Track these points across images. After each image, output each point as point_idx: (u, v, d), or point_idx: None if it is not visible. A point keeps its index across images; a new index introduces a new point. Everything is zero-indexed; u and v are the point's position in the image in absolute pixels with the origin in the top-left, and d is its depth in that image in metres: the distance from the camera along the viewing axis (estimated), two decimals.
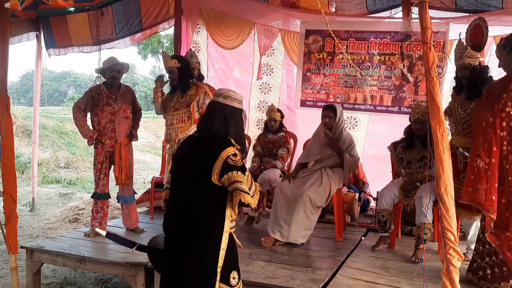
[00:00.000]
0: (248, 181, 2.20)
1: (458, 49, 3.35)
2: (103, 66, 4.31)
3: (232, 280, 2.23)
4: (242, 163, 2.22)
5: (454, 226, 2.28)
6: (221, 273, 2.17)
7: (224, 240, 2.19)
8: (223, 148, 2.15)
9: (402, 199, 3.86)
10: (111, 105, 4.26)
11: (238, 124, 2.32)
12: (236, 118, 2.31)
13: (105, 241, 3.99)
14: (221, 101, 2.30)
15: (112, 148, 4.28)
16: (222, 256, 2.18)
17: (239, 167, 2.17)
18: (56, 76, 35.58)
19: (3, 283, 4.14)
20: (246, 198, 2.13)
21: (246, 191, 2.15)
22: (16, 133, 11.65)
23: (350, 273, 3.30)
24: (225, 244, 2.19)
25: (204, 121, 2.36)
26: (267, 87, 5.94)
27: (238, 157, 2.18)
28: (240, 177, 2.14)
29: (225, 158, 2.14)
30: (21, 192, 7.62)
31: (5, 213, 3.45)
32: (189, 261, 2.17)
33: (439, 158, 2.31)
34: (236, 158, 2.16)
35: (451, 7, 4.89)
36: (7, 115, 3.42)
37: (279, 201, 4.02)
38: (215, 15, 5.85)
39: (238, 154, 2.18)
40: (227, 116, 2.27)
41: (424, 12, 2.36)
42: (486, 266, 2.96)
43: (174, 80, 4.13)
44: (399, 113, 5.11)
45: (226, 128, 2.27)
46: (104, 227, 4.23)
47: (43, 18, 6.43)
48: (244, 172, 2.19)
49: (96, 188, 4.30)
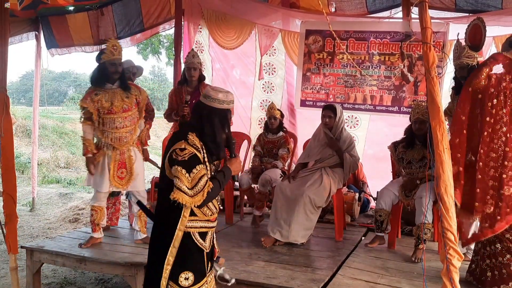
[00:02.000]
0: (193, 179, 2.10)
1: (456, 49, 3.36)
2: None
3: (183, 281, 2.16)
4: (188, 159, 2.11)
5: (454, 226, 2.28)
6: (171, 271, 2.14)
7: (177, 238, 2.15)
8: (176, 142, 2.16)
9: (402, 199, 3.86)
10: None
11: (214, 124, 2.24)
12: (212, 117, 2.24)
13: (105, 241, 3.99)
14: (202, 100, 2.29)
15: None
16: (173, 253, 2.15)
17: (181, 161, 2.10)
18: (56, 76, 35.52)
19: (3, 283, 4.14)
20: (180, 196, 2.07)
21: (182, 189, 2.08)
22: (16, 133, 11.65)
23: (350, 273, 3.30)
24: (177, 242, 2.15)
25: (189, 119, 2.38)
26: (269, 86, 5.95)
27: (185, 152, 2.11)
28: (179, 172, 2.09)
29: (171, 152, 2.14)
30: (21, 192, 7.62)
31: (5, 213, 3.45)
32: (150, 251, 2.32)
33: (439, 158, 2.31)
34: (182, 152, 2.11)
35: (451, 7, 4.89)
36: (6, 115, 3.42)
37: (279, 201, 4.02)
38: (216, 15, 5.86)
39: (187, 149, 2.11)
40: (202, 116, 2.25)
41: (424, 12, 2.36)
42: (487, 268, 2.96)
43: (117, 74, 3.78)
44: (399, 113, 5.12)
45: (201, 127, 2.23)
46: (116, 223, 4.40)
47: (43, 18, 6.43)
48: (186, 168, 2.10)
49: None
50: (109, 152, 3.75)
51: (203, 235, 2.25)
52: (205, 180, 2.14)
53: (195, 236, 2.21)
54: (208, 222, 2.28)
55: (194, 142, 2.17)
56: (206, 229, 2.27)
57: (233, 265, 3.31)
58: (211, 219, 2.30)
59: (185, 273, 2.17)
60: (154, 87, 28.33)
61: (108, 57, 3.68)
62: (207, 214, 2.25)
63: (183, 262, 2.17)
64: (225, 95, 2.25)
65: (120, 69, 3.77)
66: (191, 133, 2.19)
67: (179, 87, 4.50)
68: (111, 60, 3.69)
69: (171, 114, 4.45)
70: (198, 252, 2.22)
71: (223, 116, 2.27)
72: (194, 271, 2.20)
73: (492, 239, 2.93)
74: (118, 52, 3.72)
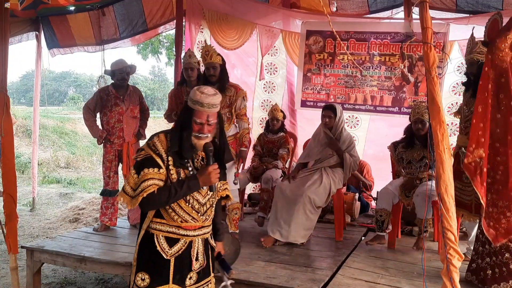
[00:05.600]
0: (139, 180, 2.03)
1: (469, 44, 3.22)
2: (111, 68, 4.41)
3: (139, 280, 2.10)
4: (140, 160, 2.05)
5: (454, 226, 2.27)
6: (135, 267, 2.13)
7: (139, 237, 2.13)
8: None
9: (402, 198, 3.87)
10: (119, 105, 4.40)
11: (179, 123, 2.13)
12: (181, 116, 2.16)
13: (105, 240, 3.99)
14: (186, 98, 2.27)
15: (120, 147, 4.44)
16: (136, 251, 2.14)
17: (135, 162, 2.08)
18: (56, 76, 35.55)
19: (3, 283, 4.14)
20: (122, 196, 2.06)
21: (125, 188, 2.06)
22: (16, 133, 11.66)
23: (350, 273, 3.30)
24: (139, 240, 2.14)
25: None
26: (271, 86, 5.96)
27: (141, 153, 2.06)
28: (130, 173, 2.08)
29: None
30: (21, 192, 7.62)
31: (5, 213, 3.45)
32: None
33: (439, 158, 2.31)
34: (138, 153, 2.08)
35: (452, 7, 4.89)
36: (7, 115, 3.42)
37: (279, 201, 4.02)
38: (217, 16, 5.86)
39: (144, 150, 2.06)
40: (178, 115, 2.22)
41: (425, 12, 2.36)
42: (487, 267, 2.96)
43: (214, 77, 3.94)
44: (399, 113, 5.12)
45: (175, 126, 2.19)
46: (115, 223, 4.47)
47: (43, 18, 6.42)
48: (136, 169, 2.06)
49: (105, 186, 4.48)
50: None
51: (171, 241, 2.11)
52: (148, 183, 2.01)
53: (158, 239, 2.10)
54: (179, 229, 2.12)
55: (157, 144, 2.07)
56: (176, 236, 2.12)
57: (233, 265, 3.29)
58: (183, 226, 2.13)
59: (141, 273, 2.10)
60: (154, 87, 28.33)
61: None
62: (175, 220, 2.11)
63: (141, 262, 2.13)
64: (202, 96, 2.04)
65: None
66: (162, 135, 2.11)
67: (178, 88, 4.50)
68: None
69: (171, 115, 4.46)
70: (160, 256, 2.10)
71: (189, 116, 2.07)
72: (152, 274, 2.10)
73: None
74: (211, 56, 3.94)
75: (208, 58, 3.89)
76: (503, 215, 2.77)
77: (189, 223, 2.13)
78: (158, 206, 2.08)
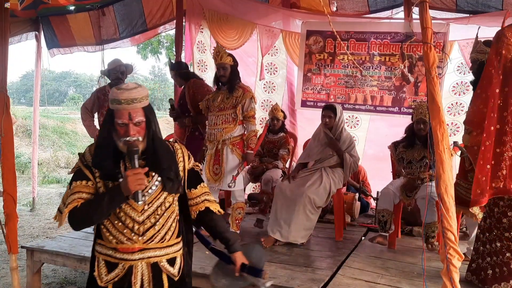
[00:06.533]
0: (68, 195, 1.84)
1: (474, 43, 3.24)
2: (107, 67, 4.38)
3: None
4: (73, 173, 1.90)
5: (454, 226, 2.27)
6: None
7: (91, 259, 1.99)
8: None
9: (403, 198, 3.86)
10: None
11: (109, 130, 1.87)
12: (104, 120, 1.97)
13: None
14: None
15: None
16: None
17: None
18: (56, 76, 35.53)
19: (3, 283, 4.14)
20: (56, 213, 1.89)
21: (59, 205, 1.88)
22: (16, 133, 11.65)
23: (350, 273, 3.30)
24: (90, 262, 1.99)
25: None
26: (271, 86, 5.96)
27: (75, 166, 1.91)
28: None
29: None
30: (21, 192, 7.62)
31: (5, 213, 3.45)
32: None
33: (439, 158, 2.31)
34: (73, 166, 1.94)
35: (452, 7, 4.89)
36: (7, 115, 3.42)
37: (279, 201, 4.02)
38: (218, 16, 5.86)
39: (77, 162, 1.91)
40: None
41: (425, 12, 2.36)
42: (487, 266, 2.96)
43: (224, 77, 4.00)
44: (399, 113, 5.12)
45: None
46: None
47: (43, 18, 6.43)
48: (70, 183, 1.89)
49: None
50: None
51: (111, 266, 1.85)
52: (74, 197, 1.80)
53: (98, 263, 1.88)
54: (115, 251, 1.84)
55: (86, 155, 1.87)
56: (114, 260, 1.84)
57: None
58: (119, 249, 1.83)
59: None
60: (154, 87, 28.30)
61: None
62: (110, 241, 1.85)
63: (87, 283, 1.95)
64: (118, 93, 1.77)
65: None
66: (93, 144, 1.93)
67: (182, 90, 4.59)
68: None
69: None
70: (96, 283, 1.87)
71: (111, 119, 1.82)
72: None
73: (492, 237, 2.94)
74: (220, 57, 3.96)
75: (218, 58, 3.93)
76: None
77: (125, 244, 1.83)
78: (88, 223, 1.84)
